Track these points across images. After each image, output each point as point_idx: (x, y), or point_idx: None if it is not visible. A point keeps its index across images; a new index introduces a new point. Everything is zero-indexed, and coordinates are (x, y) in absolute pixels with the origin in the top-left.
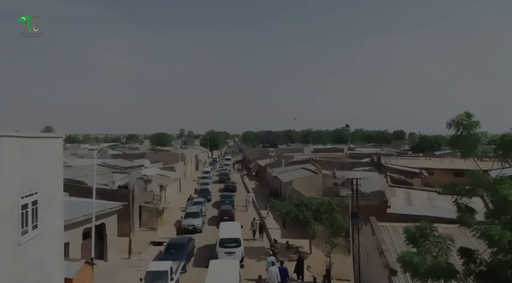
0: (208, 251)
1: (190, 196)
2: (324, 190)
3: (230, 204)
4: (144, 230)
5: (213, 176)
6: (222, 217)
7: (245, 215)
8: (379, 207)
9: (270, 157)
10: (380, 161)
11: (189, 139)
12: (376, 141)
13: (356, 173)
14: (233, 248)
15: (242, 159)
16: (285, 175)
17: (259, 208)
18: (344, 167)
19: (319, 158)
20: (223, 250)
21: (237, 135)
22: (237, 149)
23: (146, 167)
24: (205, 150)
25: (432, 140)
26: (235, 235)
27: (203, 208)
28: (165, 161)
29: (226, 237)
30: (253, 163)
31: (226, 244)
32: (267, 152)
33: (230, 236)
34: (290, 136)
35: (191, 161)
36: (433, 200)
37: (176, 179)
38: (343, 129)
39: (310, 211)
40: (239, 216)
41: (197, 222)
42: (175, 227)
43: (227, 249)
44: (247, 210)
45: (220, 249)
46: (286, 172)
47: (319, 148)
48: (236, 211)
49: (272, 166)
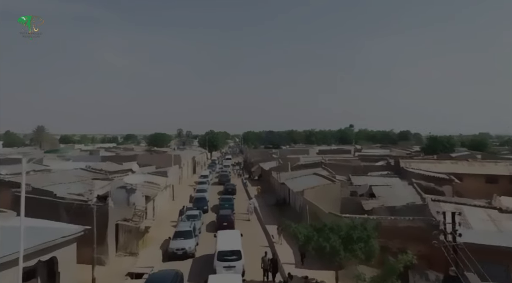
0: (205, 263)
1: (183, 207)
2: (342, 202)
3: (230, 208)
4: (121, 255)
5: (212, 180)
6: (221, 222)
7: (248, 227)
8: (425, 231)
9: (274, 159)
10: (398, 164)
11: (187, 139)
12: (381, 142)
13: (375, 179)
14: (233, 261)
15: (243, 161)
16: (294, 182)
17: (263, 218)
18: (357, 171)
19: (328, 161)
20: (222, 264)
21: (238, 136)
22: (237, 150)
23: (134, 171)
24: (204, 151)
25: (444, 141)
26: (235, 247)
27: (197, 224)
28: (158, 163)
29: (225, 249)
30: (255, 165)
31: (225, 257)
32: (270, 153)
33: (229, 248)
34: (292, 136)
35: (187, 163)
36: (496, 220)
37: (168, 186)
38: (347, 129)
39: (337, 238)
40: (241, 227)
41: (188, 244)
42: (162, 249)
43: (226, 262)
44: (250, 220)
45: (218, 262)
46: (295, 178)
47: (325, 149)
48: (237, 220)
49: (277, 170)
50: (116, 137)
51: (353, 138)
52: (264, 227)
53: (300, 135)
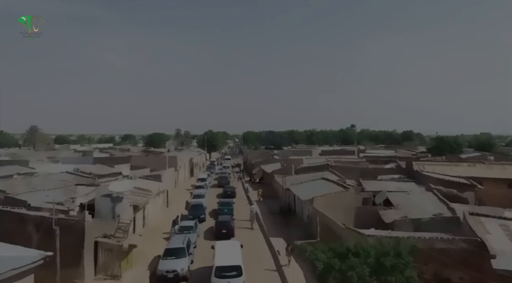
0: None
1: (177, 217)
2: (356, 212)
3: (229, 213)
4: (101, 278)
5: (210, 183)
6: (219, 230)
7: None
8: (468, 254)
9: (276, 160)
10: (411, 167)
11: (186, 140)
12: (384, 142)
13: (389, 185)
14: (232, 278)
15: (243, 162)
16: (301, 189)
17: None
18: (366, 175)
19: (333, 163)
20: (220, 281)
21: (237, 136)
22: (237, 150)
23: (126, 175)
24: (202, 152)
25: (451, 141)
26: (235, 261)
27: (192, 238)
28: (154, 166)
29: (224, 265)
30: (256, 167)
31: (224, 274)
32: (271, 154)
33: (228, 263)
34: (293, 136)
35: (184, 165)
36: None
37: (162, 191)
38: (348, 129)
39: (366, 266)
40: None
41: (181, 265)
42: (150, 270)
43: (225, 279)
44: (252, 228)
45: (216, 279)
46: (301, 184)
47: (327, 150)
48: (238, 227)
49: (281, 173)
50: (114, 138)
51: (355, 139)
52: (268, 239)
53: (301, 136)
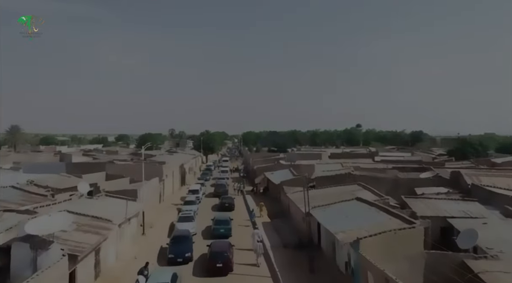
0: None
1: (146, 265)
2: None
3: (226, 234)
4: None
5: (205, 194)
6: (213, 263)
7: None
8: None
9: (282, 166)
10: (460, 178)
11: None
12: (392, 143)
13: (445, 205)
14: None
15: (243, 167)
16: (329, 216)
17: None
18: (398, 187)
19: (353, 171)
20: None
21: (236, 136)
22: (236, 152)
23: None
24: (198, 155)
25: (476, 143)
26: None
27: None
28: (134, 174)
29: None
30: (259, 175)
31: None
32: (276, 159)
33: None
34: (295, 137)
35: (172, 174)
36: None
37: (136, 215)
38: (354, 129)
39: None
40: (244, 281)
41: None
42: None
43: None
44: (258, 264)
45: None
46: (328, 207)
47: (337, 153)
48: (238, 262)
49: (291, 184)
50: (106, 138)
51: (360, 139)
52: None
53: (303, 136)
